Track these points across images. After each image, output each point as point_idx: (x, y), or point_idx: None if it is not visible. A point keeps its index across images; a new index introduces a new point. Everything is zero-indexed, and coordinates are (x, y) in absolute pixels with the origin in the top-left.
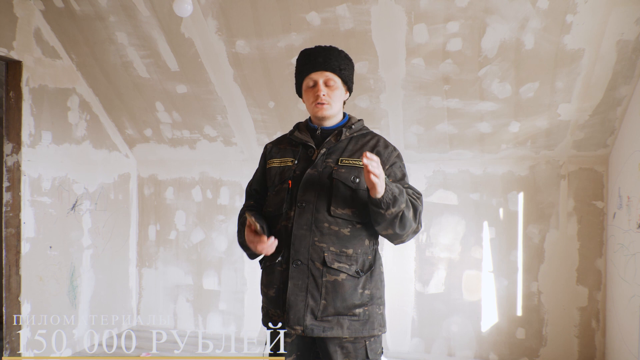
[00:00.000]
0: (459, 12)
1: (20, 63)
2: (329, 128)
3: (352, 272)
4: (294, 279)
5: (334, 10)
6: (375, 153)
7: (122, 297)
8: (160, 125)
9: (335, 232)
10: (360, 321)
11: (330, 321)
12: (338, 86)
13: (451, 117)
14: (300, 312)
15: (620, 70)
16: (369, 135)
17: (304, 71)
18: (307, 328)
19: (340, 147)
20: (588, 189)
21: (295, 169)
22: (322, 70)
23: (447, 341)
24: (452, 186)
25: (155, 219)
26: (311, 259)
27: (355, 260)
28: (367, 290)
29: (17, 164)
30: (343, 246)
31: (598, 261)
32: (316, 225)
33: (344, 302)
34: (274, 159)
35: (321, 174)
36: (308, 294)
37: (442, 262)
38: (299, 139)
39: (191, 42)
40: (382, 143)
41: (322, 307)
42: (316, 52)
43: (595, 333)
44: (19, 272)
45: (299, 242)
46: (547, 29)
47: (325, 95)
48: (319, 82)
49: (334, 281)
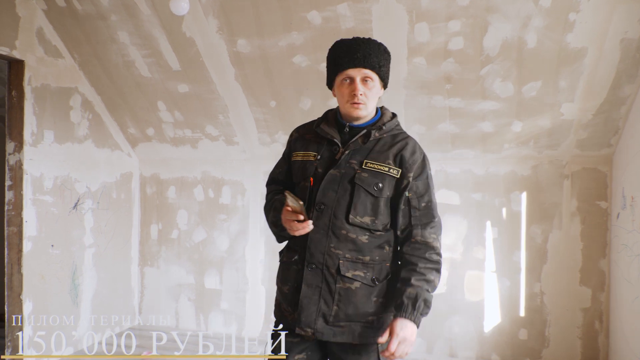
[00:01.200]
0: (461, 10)
1: (23, 62)
2: (358, 126)
3: (368, 280)
4: (307, 282)
5: (335, 9)
6: (399, 158)
7: (124, 296)
8: (162, 125)
9: (352, 239)
10: (373, 328)
11: (342, 327)
12: (375, 84)
13: (453, 116)
14: (312, 316)
15: (624, 69)
16: (400, 137)
17: (340, 65)
18: (317, 331)
19: (367, 148)
20: (591, 189)
21: (318, 165)
22: (361, 67)
23: (448, 342)
24: (454, 186)
25: (157, 218)
26: (326, 264)
27: (372, 267)
28: (381, 299)
29: (19, 163)
30: (360, 253)
31: (601, 262)
32: (333, 231)
33: (356, 310)
34: (298, 152)
35: (343, 176)
36: (321, 298)
37: (444, 262)
38: (324, 133)
39: (192, 41)
40: (409, 148)
41: (334, 312)
42: (355, 45)
43: (599, 334)
44: (20, 271)
45: (315, 246)
46: (549, 28)
47: (362, 95)
48: (356, 79)
49: (347, 289)
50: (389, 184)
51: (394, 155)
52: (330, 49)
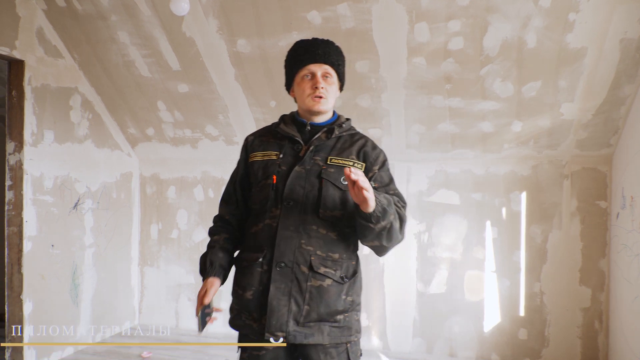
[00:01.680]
0: (461, 10)
1: (23, 62)
2: (318, 124)
3: (337, 277)
4: (276, 282)
5: (335, 9)
6: (362, 154)
7: (124, 296)
8: (162, 125)
9: (322, 235)
10: (340, 327)
11: (311, 327)
12: (334, 82)
13: (453, 116)
14: (283, 318)
15: (623, 69)
16: (357, 136)
17: (301, 61)
18: (289, 334)
19: (329, 145)
20: (591, 189)
21: (281, 163)
22: (322, 62)
23: (448, 341)
24: (454, 186)
25: (157, 218)
26: (296, 262)
27: (340, 265)
28: (349, 297)
29: (20, 163)
30: (329, 250)
31: (601, 262)
32: (303, 227)
33: (328, 308)
34: (256, 152)
35: (309, 172)
36: (291, 298)
37: (444, 262)
38: (285, 132)
39: (192, 41)
40: (370, 144)
41: (305, 312)
42: (316, 43)
43: (598, 334)
44: (20, 271)
45: (285, 243)
46: (549, 28)
47: (323, 89)
48: (317, 74)
49: (319, 286)
50: None
51: (356, 152)
52: (289, 50)
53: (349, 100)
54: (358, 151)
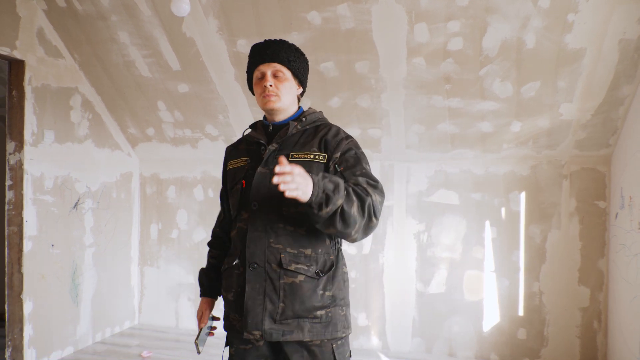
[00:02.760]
0: (460, 11)
1: (23, 62)
2: (280, 123)
3: (312, 273)
4: (251, 283)
5: (334, 10)
6: (323, 142)
7: (124, 296)
8: (162, 125)
9: (290, 232)
10: (322, 323)
11: (289, 324)
12: (287, 78)
13: (452, 116)
14: (258, 317)
15: (622, 69)
16: (322, 126)
17: (253, 64)
18: (265, 332)
19: (292, 142)
20: (590, 189)
21: (248, 167)
22: (270, 61)
23: (448, 341)
24: (454, 186)
25: (157, 218)
26: (267, 261)
27: (315, 260)
28: (328, 292)
29: (20, 163)
30: (300, 246)
31: (600, 262)
32: (270, 226)
33: (303, 305)
34: (231, 161)
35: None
36: (266, 297)
37: (443, 262)
38: (252, 138)
39: (192, 41)
40: (332, 132)
41: (280, 310)
42: (265, 45)
43: (597, 334)
44: (21, 270)
45: (254, 244)
46: (548, 28)
47: (272, 87)
48: (267, 73)
49: (291, 283)
50: (317, 170)
51: (318, 143)
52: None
53: (348, 101)
54: (319, 142)
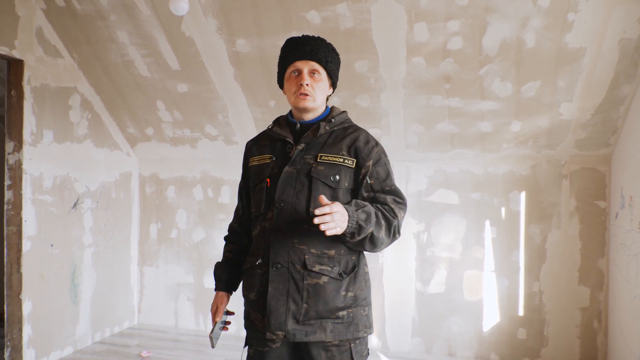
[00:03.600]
0: (460, 10)
1: (22, 62)
2: (309, 122)
3: (335, 274)
4: (274, 283)
5: (334, 9)
6: (354, 149)
7: (123, 296)
8: (162, 124)
9: (315, 233)
10: (344, 324)
11: (312, 325)
12: (323, 78)
13: (452, 116)
14: (281, 317)
15: (622, 69)
16: (351, 129)
17: (288, 58)
18: (289, 333)
19: (319, 142)
20: (590, 189)
21: (274, 166)
22: (308, 59)
23: (447, 341)
24: (453, 185)
25: (156, 218)
26: (291, 261)
27: (338, 261)
28: (350, 292)
29: (19, 163)
30: (324, 247)
31: (600, 261)
32: (295, 227)
33: (326, 306)
34: (254, 157)
35: (299, 172)
36: (289, 297)
37: (443, 262)
38: (277, 135)
39: (192, 41)
40: (362, 138)
41: (304, 310)
42: (304, 40)
43: (597, 333)
44: (20, 270)
45: (279, 244)
46: (548, 28)
47: (308, 86)
48: (304, 71)
49: (315, 284)
50: (346, 174)
51: (347, 147)
52: (281, 47)
53: (348, 100)
54: (349, 146)
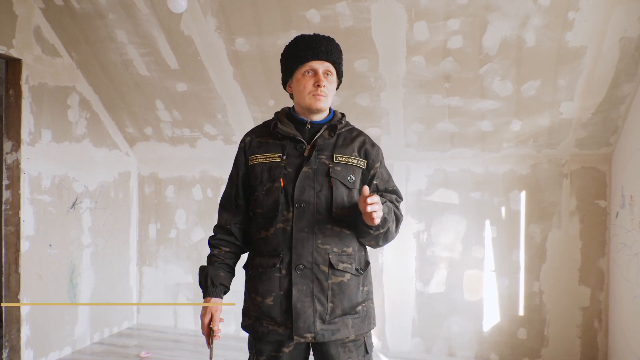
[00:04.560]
0: (460, 9)
1: (20, 61)
2: (318, 122)
3: (354, 270)
4: (298, 285)
5: (333, 8)
6: (364, 152)
7: (122, 296)
8: (161, 124)
9: (337, 232)
10: (361, 318)
11: (337, 323)
12: (334, 80)
13: (452, 115)
14: (310, 319)
15: (623, 68)
16: (355, 132)
17: (302, 57)
18: (317, 334)
19: (331, 143)
20: (590, 188)
21: (286, 165)
22: (325, 60)
23: (447, 341)
24: (453, 185)
25: (155, 218)
26: (315, 262)
27: (354, 258)
28: (365, 287)
29: (17, 162)
30: (344, 245)
31: (600, 261)
32: (318, 227)
33: (350, 302)
34: (256, 155)
35: (316, 172)
36: (314, 298)
37: (443, 262)
38: (285, 132)
39: (191, 40)
40: (369, 141)
41: (329, 310)
42: (318, 39)
43: (598, 333)
44: (18, 270)
45: (302, 245)
46: (548, 27)
47: (325, 87)
48: (320, 71)
49: (340, 282)
50: (358, 175)
51: (357, 149)
52: (288, 45)
53: (347, 99)
54: (359, 148)
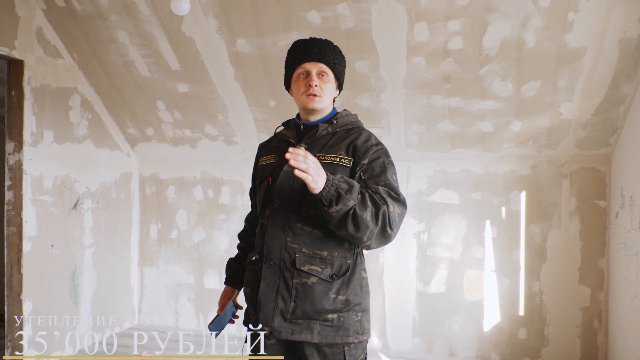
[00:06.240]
0: (460, 10)
1: (22, 62)
2: (313, 123)
3: (325, 276)
4: (266, 279)
5: (334, 9)
6: (351, 147)
7: (124, 296)
8: (162, 125)
9: (308, 232)
10: (333, 327)
11: (299, 324)
12: (330, 80)
13: (452, 116)
14: (269, 313)
15: (622, 68)
16: (354, 130)
17: (296, 60)
18: (275, 330)
19: (321, 143)
20: (590, 188)
21: (276, 165)
22: (317, 61)
23: (448, 341)
24: (454, 185)
25: (156, 218)
26: (283, 259)
27: (331, 263)
28: (341, 296)
29: (19, 163)
30: (317, 248)
31: (600, 261)
32: (289, 225)
33: (314, 306)
34: (261, 157)
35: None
36: (278, 295)
37: (443, 262)
38: (283, 136)
39: (192, 41)
40: (362, 137)
41: (291, 309)
42: (312, 42)
43: (598, 333)
44: (20, 271)
45: (272, 241)
46: (548, 27)
47: (317, 87)
48: (312, 72)
49: (303, 284)
50: (342, 173)
51: (346, 147)
52: (288, 50)
53: (348, 100)
54: (347, 146)
